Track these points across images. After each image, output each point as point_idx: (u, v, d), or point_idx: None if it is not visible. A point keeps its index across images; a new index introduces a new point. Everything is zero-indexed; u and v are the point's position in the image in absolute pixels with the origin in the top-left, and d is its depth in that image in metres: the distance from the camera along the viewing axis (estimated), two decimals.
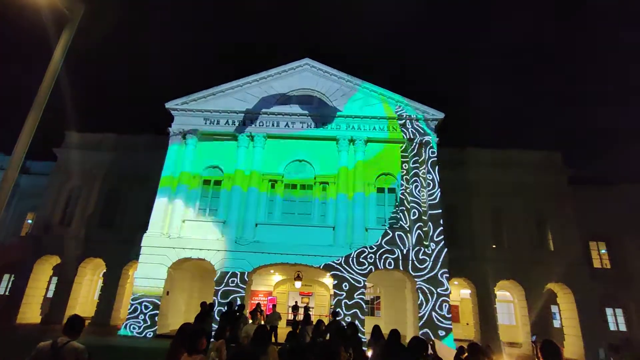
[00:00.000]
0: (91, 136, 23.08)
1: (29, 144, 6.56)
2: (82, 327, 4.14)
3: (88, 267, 21.45)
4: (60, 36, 7.12)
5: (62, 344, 3.86)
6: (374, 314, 21.63)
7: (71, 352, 3.85)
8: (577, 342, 18.41)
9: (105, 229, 21.02)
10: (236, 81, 19.55)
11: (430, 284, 16.06)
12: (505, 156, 22.00)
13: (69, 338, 3.95)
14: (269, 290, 21.80)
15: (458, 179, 20.62)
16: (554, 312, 21.30)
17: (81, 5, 7.39)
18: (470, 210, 20.92)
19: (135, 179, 21.40)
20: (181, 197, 17.75)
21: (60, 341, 3.88)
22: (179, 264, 17.35)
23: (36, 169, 23.94)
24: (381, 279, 20.89)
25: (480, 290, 19.46)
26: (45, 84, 6.76)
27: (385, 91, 19.15)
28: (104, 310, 19.45)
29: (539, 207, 20.94)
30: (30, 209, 23.15)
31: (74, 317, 4.16)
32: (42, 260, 20.45)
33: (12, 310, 19.21)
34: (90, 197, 21.57)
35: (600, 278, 20.47)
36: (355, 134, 18.57)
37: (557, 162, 21.84)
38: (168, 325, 16.82)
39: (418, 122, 18.79)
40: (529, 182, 21.03)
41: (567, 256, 19.66)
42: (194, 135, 18.82)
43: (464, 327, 22.17)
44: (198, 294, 20.82)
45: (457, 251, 18.85)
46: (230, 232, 17.07)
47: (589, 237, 21.80)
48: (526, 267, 19.48)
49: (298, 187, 18.42)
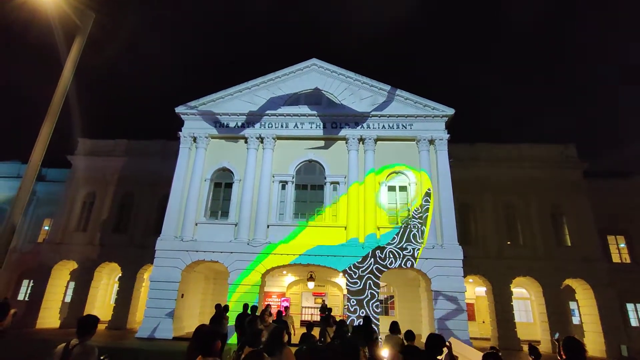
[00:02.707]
0: (103, 143, 23.47)
1: (45, 152, 6.67)
2: (92, 327, 4.12)
3: (104, 272, 21.80)
4: (72, 45, 7.23)
5: (73, 345, 3.91)
6: (388, 314, 21.50)
7: (81, 353, 3.89)
8: (598, 339, 18.00)
9: (119, 234, 21.36)
10: (244, 84, 19.64)
11: (445, 282, 15.88)
12: (517, 151, 21.61)
13: (82, 339, 3.99)
14: (282, 291, 21.86)
15: (470, 176, 20.34)
16: (572, 308, 20.87)
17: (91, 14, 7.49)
18: (484, 207, 20.64)
19: (147, 183, 21.69)
20: (193, 200, 17.90)
21: (72, 343, 3.93)
22: (193, 266, 17.50)
23: (52, 176, 24.41)
24: (395, 278, 20.76)
25: (496, 288, 19.18)
26: (58, 92, 6.87)
27: (393, 89, 19.01)
28: (120, 313, 19.74)
29: (554, 202, 20.55)
30: (47, 215, 23.62)
31: (84, 318, 4.17)
32: (59, 266, 20.86)
33: (31, 315, 19.63)
34: (104, 203, 21.93)
35: (619, 273, 19.94)
36: (365, 133, 18.47)
37: (571, 155, 21.36)
38: (183, 328, 16.97)
39: (428, 119, 18.60)
40: (543, 176, 20.65)
41: (585, 251, 19.26)
42: (204, 139, 18.97)
43: (480, 325, 21.89)
44: (212, 296, 21.02)
45: (471, 249, 18.63)
46: (243, 234, 17.16)
47: (607, 231, 21.26)
48: (543, 264, 19.13)
49: (309, 188, 18.41)
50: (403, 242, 16.68)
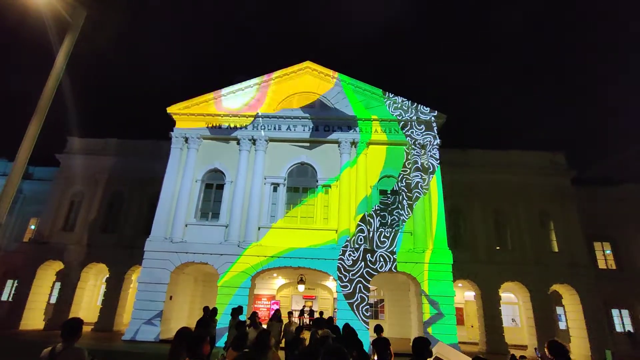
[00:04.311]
0: (93, 141, 23.15)
1: (32, 149, 6.56)
2: (78, 329, 4.01)
3: (91, 273, 21.45)
4: (63, 42, 7.15)
5: (60, 350, 3.82)
6: (377, 317, 21.52)
7: (69, 356, 3.81)
8: (584, 344, 18.26)
9: (108, 234, 21.06)
10: (237, 85, 19.58)
11: (434, 286, 15.96)
12: (507, 157, 21.90)
13: (67, 342, 3.90)
14: (272, 294, 21.73)
15: (460, 181, 20.54)
16: (559, 313, 21.14)
17: (83, 11, 7.42)
18: (473, 212, 20.84)
19: (137, 183, 21.45)
20: (184, 201, 17.74)
21: (58, 347, 3.84)
22: (182, 268, 17.32)
23: (39, 175, 24.01)
24: (385, 282, 20.81)
25: (484, 293, 19.36)
26: (47, 89, 6.77)
27: (386, 93, 19.13)
28: (107, 315, 19.43)
29: (543, 209, 20.86)
30: (33, 214, 23.20)
31: (69, 321, 4.07)
32: (45, 266, 20.47)
33: (15, 316, 19.22)
34: (92, 202, 21.61)
35: (605, 279, 20.31)
36: (357, 137, 18.54)
37: (560, 162, 21.73)
38: (171, 330, 16.74)
39: (420, 124, 18.75)
40: (532, 183, 20.95)
41: (572, 257, 19.56)
42: (195, 139, 18.85)
43: (469, 330, 22.02)
44: (201, 299, 20.80)
45: (460, 253, 18.77)
46: (233, 236, 17.05)
47: (594, 238, 21.69)
48: (530, 269, 19.37)
49: (300, 190, 18.39)
50: (393, 246, 16.75)
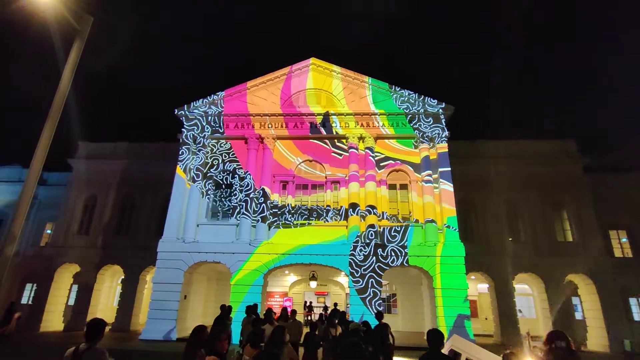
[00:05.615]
0: (104, 145, 23.48)
1: (46, 156, 6.68)
2: (100, 330, 4.11)
3: (107, 274, 21.84)
4: (71, 49, 7.24)
5: (82, 350, 3.92)
6: (390, 312, 21.51)
7: (91, 357, 3.90)
8: (601, 334, 17.99)
9: (121, 236, 21.41)
10: (243, 85, 19.65)
11: (447, 279, 15.88)
12: (518, 147, 21.55)
13: (90, 343, 4.00)
14: (285, 291, 21.88)
15: (471, 173, 20.30)
16: (575, 304, 20.84)
17: (90, 18, 7.50)
18: (485, 204, 20.60)
19: (149, 185, 21.71)
20: (194, 201, 17.92)
21: (81, 347, 3.94)
22: (195, 267, 17.53)
23: (53, 180, 24.41)
24: (397, 276, 20.77)
25: (498, 285, 19.16)
26: (58, 96, 6.88)
27: (392, 87, 19.00)
28: (123, 316, 19.79)
29: (556, 198, 20.52)
30: (49, 219, 23.63)
31: (92, 322, 4.17)
32: (62, 269, 20.90)
33: (35, 319, 19.66)
34: (105, 205, 21.96)
35: (621, 268, 19.90)
36: (364, 131, 18.48)
37: (571, 150, 21.32)
38: (187, 329, 16.99)
39: (427, 117, 18.59)
40: (544, 172, 20.60)
41: (587, 246, 19.24)
42: (204, 140, 18.99)
43: (483, 322, 21.89)
44: (215, 297, 21.07)
45: (473, 246, 18.60)
46: (244, 235, 17.18)
47: (609, 226, 21.19)
48: (545, 260, 19.12)
49: (309, 187, 18.42)
50: (404, 240, 16.69)
